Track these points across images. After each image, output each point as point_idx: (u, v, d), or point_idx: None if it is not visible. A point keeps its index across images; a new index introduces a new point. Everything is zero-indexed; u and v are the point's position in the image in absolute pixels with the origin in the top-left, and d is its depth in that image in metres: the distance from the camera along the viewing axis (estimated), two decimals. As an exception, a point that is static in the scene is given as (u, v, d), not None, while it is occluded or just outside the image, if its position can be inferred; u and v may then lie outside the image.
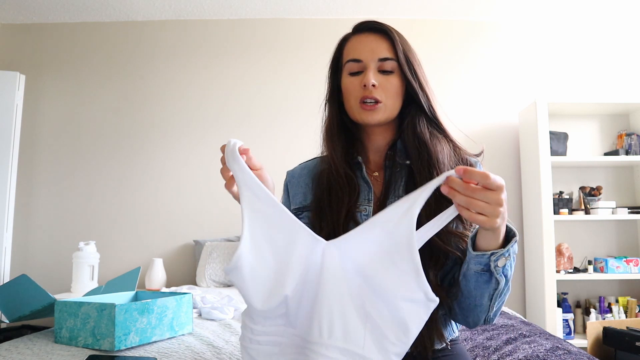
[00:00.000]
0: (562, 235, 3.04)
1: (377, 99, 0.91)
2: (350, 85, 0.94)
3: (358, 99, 0.92)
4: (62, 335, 1.21)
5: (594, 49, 3.28)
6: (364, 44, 0.94)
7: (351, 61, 0.94)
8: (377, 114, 0.92)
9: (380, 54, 0.92)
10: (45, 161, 3.18)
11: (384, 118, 0.93)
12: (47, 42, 3.29)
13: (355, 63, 0.93)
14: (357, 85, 0.93)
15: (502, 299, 0.83)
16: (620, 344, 2.25)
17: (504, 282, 0.80)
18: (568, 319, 2.81)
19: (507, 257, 0.77)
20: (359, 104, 0.92)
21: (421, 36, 3.23)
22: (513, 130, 3.20)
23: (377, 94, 0.91)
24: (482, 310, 0.84)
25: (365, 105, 0.91)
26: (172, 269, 3.06)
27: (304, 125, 3.08)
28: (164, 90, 3.25)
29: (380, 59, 0.92)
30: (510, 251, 0.76)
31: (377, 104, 0.91)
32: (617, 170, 3.15)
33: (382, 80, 0.92)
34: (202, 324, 1.48)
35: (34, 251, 3.10)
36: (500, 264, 0.77)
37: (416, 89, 0.93)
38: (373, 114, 0.92)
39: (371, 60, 0.92)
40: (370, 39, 0.94)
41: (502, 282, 0.79)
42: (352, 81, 0.94)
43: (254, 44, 3.29)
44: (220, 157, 0.78)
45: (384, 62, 0.92)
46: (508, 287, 0.82)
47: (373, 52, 0.92)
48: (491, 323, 0.87)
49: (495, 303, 0.83)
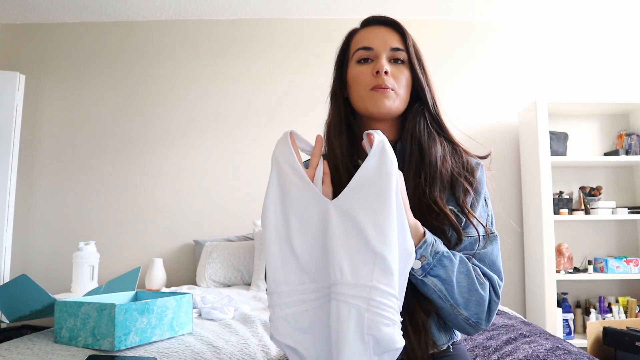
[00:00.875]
0: (562, 235, 3.04)
1: (389, 86, 0.89)
2: (360, 74, 0.91)
3: (369, 87, 0.90)
4: (62, 335, 1.21)
5: (594, 49, 3.28)
6: (375, 34, 0.93)
7: (361, 49, 0.92)
8: (389, 100, 0.89)
9: (392, 43, 0.91)
10: (45, 161, 3.18)
11: (395, 107, 0.90)
12: (47, 42, 3.29)
13: (366, 51, 0.91)
14: (368, 73, 0.90)
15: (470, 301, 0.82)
16: (620, 344, 2.25)
17: (441, 282, 0.81)
18: (568, 319, 2.81)
19: (421, 258, 0.79)
20: (369, 92, 0.90)
21: (421, 36, 3.19)
22: (513, 130, 3.21)
23: (389, 82, 0.89)
24: (451, 313, 0.84)
25: (378, 89, 0.88)
26: (172, 269, 3.06)
27: (303, 125, 3.05)
28: (163, 89, 3.25)
29: (392, 49, 0.91)
30: (419, 253, 0.79)
31: (389, 89, 0.89)
32: (617, 170, 3.15)
33: (394, 70, 0.90)
34: (202, 324, 1.48)
35: (34, 251, 3.10)
36: (415, 266, 0.80)
37: (423, 84, 0.92)
38: (384, 99, 0.89)
39: (383, 48, 0.90)
40: (382, 31, 0.93)
41: (436, 282, 0.81)
42: (362, 70, 0.91)
43: (253, 44, 3.29)
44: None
45: (396, 52, 0.91)
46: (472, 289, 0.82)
47: (385, 42, 0.91)
48: (483, 326, 0.86)
49: (457, 305, 0.82)
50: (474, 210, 0.90)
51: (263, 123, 3.21)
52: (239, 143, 3.19)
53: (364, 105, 0.91)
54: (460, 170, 0.91)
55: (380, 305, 0.69)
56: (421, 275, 0.81)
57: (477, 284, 0.83)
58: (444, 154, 0.91)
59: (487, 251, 0.89)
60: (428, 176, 0.87)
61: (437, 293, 0.82)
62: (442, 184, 0.88)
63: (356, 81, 0.92)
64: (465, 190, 0.89)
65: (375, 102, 0.89)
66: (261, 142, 3.18)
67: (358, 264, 0.71)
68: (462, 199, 0.88)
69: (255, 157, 3.16)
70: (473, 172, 0.92)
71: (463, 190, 0.89)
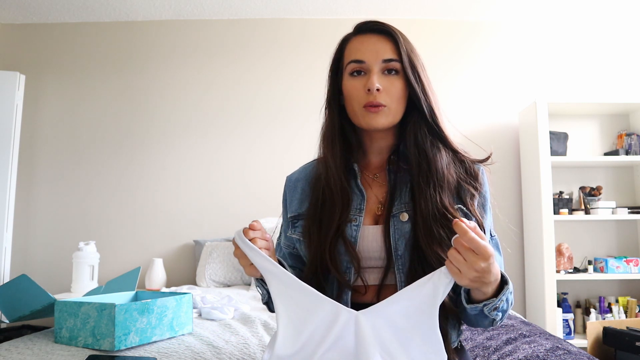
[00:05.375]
0: (562, 235, 3.04)
1: (381, 104, 0.88)
2: (352, 90, 0.91)
3: (362, 104, 0.89)
4: (62, 335, 1.21)
5: (593, 49, 3.28)
6: (366, 45, 0.91)
7: (353, 62, 0.91)
8: (382, 118, 0.89)
9: (384, 55, 0.89)
10: (45, 161, 3.18)
11: (388, 122, 0.91)
12: (47, 42, 3.29)
13: (358, 64, 0.91)
14: (361, 89, 0.90)
15: (505, 316, 0.85)
16: (620, 344, 2.25)
17: (502, 315, 0.82)
18: (568, 319, 2.81)
19: (500, 302, 0.79)
20: (362, 109, 0.89)
21: (421, 36, 3.23)
22: (513, 131, 3.20)
23: (381, 99, 0.88)
24: (481, 321, 0.86)
25: (370, 108, 0.88)
26: (172, 269, 3.06)
27: (304, 125, 3.08)
28: (164, 89, 3.25)
29: (384, 60, 0.89)
30: (502, 299, 0.78)
31: (381, 107, 0.89)
32: (617, 170, 3.15)
33: (386, 84, 0.89)
34: (202, 324, 1.48)
35: (34, 251, 3.10)
36: (494, 310, 0.79)
37: (419, 94, 0.90)
38: (377, 118, 0.89)
39: (375, 62, 0.89)
40: (374, 40, 0.91)
41: (499, 316, 0.82)
42: (355, 85, 0.91)
43: (254, 44, 3.29)
44: (234, 251, 0.84)
45: (389, 63, 0.89)
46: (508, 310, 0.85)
47: (377, 54, 0.89)
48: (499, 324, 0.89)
49: (497, 322, 0.84)
50: (485, 217, 0.91)
51: (264, 123, 3.21)
52: (239, 143, 3.19)
53: (358, 121, 0.92)
54: (464, 177, 0.91)
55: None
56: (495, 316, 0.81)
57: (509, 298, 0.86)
58: (448, 161, 0.91)
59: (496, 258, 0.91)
60: (437, 185, 0.87)
61: (489, 321, 0.83)
62: (449, 190, 0.89)
63: (350, 96, 0.92)
64: (472, 196, 0.90)
65: (367, 121, 0.90)
66: (261, 142, 3.18)
67: None
68: (470, 204, 0.89)
69: (255, 157, 3.16)
70: (477, 177, 0.93)
71: (470, 196, 0.90)
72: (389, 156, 0.97)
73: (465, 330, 1.49)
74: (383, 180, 0.96)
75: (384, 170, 0.97)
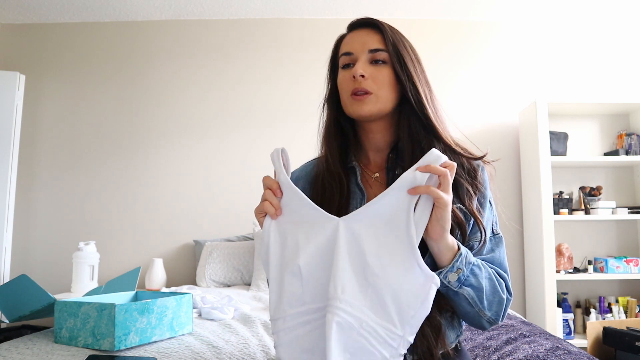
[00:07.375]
0: (562, 235, 3.04)
1: (366, 90, 0.89)
2: (342, 80, 0.93)
3: (349, 93, 0.91)
4: (62, 335, 1.21)
5: (593, 49, 3.28)
6: (355, 38, 0.94)
7: (343, 55, 0.94)
8: (367, 105, 0.90)
9: (371, 45, 0.91)
10: (45, 161, 3.18)
11: (376, 109, 0.91)
12: (47, 42, 3.29)
13: (347, 56, 0.93)
14: (348, 78, 0.91)
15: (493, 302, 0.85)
16: (620, 344, 2.25)
17: (474, 290, 0.82)
18: (568, 319, 2.81)
19: (457, 271, 0.79)
20: (350, 97, 0.91)
21: (421, 36, 3.23)
22: (513, 131, 3.20)
23: (366, 85, 0.89)
24: (475, 316, 0.86)
25: (355, 96, 0.90)
26: (172, 269, 3.06)
27: (304, 125, 3.08)
28: (164, 90, 3.25)
29: (371, 50, 0.91)
30: (455, 266, 0.79)
31: (367, 95, 0.89)
32: (617, 170, 3.15)
33: (373, 71, 0.90)
34: (202, 324, 1.48)
35: (34, 251, 3.10)
36: (452, 279, 0.80)
37: (404, 81, 0.90)
38: (362, 105, 0.90)
39: (361, 52, 0.91)
40: (363, 33, 0.94)
41: (469, 291, 0.82)
42: (344, 75, 0.93)
43: (254, 44, 3.29)
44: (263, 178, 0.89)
45: (375, 53, 0.91)
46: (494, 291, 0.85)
47: (364, 45, 0.92)
48: (499, 323, 0.89)
49: (483, 308, 0.84)
50: (482, 214, 0.91)
51: (263, 123, 3.21)
52: (239, 143, 3.19)
53: (347, 111, 0.94)
54: (460, 173, 0.90)
55: (371, 331, 0.71)
56: (457, 287, 0.81)
57: (498, 287, 0.86)
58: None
59: (495, 253, 0.91)
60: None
61: (467, 300, 0.83)
62: None
63: (341, 87, 0.94)
64: (468, 191, 0.89)
65: (354, 108, 0.91)
66: (261, 142, 3.18)
67: (356, 286, 0.73)
68: (467, 199, 0.88)
69: (255, 157, 3.16)
70: (475, 173, 0.92)
71: (466, 191, 0.89)
72: (388, 154, 0.97)
73: (465, 330, 1.49)
74: (383, 179, 0.97)
75: (384, 170, 0.97)
